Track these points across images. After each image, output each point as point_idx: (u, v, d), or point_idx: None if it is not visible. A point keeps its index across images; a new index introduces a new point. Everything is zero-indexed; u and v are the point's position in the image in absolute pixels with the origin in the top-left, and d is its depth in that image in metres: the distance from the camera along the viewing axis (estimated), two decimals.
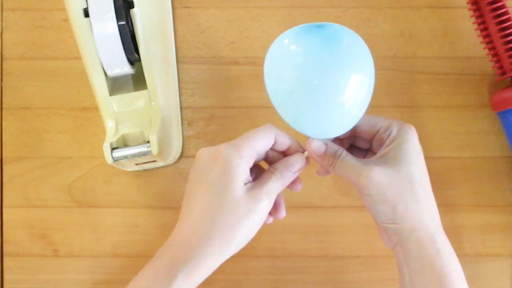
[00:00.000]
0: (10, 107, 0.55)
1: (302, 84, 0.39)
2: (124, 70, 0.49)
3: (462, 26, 0.55)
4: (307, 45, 0.39)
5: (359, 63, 0.39)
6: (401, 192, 0.39)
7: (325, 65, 0.38)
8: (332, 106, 0.39)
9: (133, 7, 0.48)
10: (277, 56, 0.40)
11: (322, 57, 0.38)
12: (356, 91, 0.39)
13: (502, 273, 0.54)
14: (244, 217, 0.38)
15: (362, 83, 0.39)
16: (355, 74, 0.39)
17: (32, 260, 0.54)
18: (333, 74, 0.38)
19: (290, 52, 0.39)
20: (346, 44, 0.39)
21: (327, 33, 0.39)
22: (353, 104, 0.39)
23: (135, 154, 0.48)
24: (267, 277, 0.54)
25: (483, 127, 0.55)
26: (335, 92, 0.38)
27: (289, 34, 0.40)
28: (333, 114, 0.39)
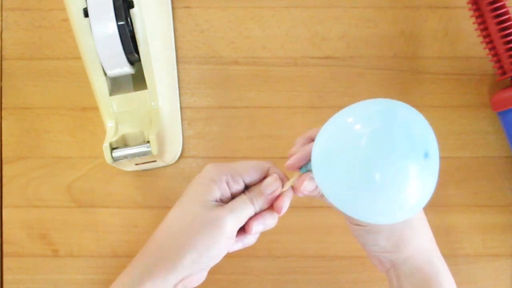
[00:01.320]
0: (10, 107, 0.55)
1: (365, 175, 0.33)
2: (124, 70, 0.49)
3: (462, 26, 0.55)
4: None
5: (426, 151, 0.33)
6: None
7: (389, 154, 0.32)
8: (391, 202, 0.33)
9: (133, 7, 0.48)
10: (338, 135, 0.35)
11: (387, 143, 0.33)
12: (422, 186, 0.33)
13: (502, 273, 0.54)
14: (201, 229, 0.37)
15: (430, 177, 0.33)
16: (415, 162, 0.33)
17: (32, 260, 0.54)
18: (399, 166, 0.32)
19: (354, 132, 0.34)
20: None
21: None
22: (418, 201, 0.34)
23: (135, 154, 0.48)
24: (267, 277, 0.54)
25: (483, 127, 0.55)
26: (398, 188, 0.33)
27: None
28: (392, 208, 0.34)
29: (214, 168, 0.39)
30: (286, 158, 0.54)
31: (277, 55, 0.55)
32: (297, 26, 0.55)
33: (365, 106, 0.35)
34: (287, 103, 0.55)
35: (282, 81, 0.55)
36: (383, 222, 0.37)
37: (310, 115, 0.55)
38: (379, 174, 0.32)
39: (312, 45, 0.55)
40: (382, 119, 0.34)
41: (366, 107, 0.35)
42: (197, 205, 0.38)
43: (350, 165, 0.33)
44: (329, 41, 0.55)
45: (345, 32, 0.55)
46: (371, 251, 0.40)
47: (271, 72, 0.55)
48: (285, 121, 0.55)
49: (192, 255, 0.37)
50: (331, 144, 0.35)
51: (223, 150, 0.55)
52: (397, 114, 0.34)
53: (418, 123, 0.35)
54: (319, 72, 0.55)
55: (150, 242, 0.39)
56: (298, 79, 0.55)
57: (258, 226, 0.39)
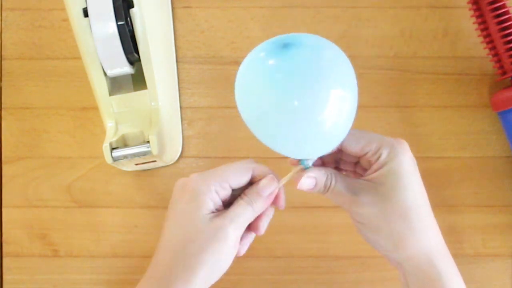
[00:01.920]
0: (10, 107, 0.55)
1: (281, 105, 0.34)
2: (124, 70, 0.49)
3: (462, 26, 0.55)
4: (288, 60, 0.35)
5: (340, 77, 0.35)
6: (395, 222, 0.37)
7: (306, 82, 0.34)
8: (313, 127, 0.35)
9: (132, 6, 0.48)
10: (252, 72, 0.37)
11: (304, 73, 0.34)
12: (338, 109, 0.34)
13: (502, 273, 0.54)
14: (208, 245, 0.37)
15: (344, 99, 0.35)
16: (336, 89, 0.34)
17: (32, 260, 0.54)
18: (313, 92, 0.34)
19: (268, 68, 0.35)
20: (327, 57, 0.35)
21: (306, 47, 0.35)
22: (335, 123, 0.35)
23: (135, 154, 0.48)
24: (267, 277, 0.54)
25: (484, 127, 0.55)
26: (315, 111, 0.34)
27: (266, 46, 0.36)
28: (314, 135, 0.35)
29: (200, 178, 0.39)
30: (286, 158, 0.54)
31: None
32: (297, 26, 0.55)
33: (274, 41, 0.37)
34: None
35: None
36: (307, 154, 0.38)
37: None
38: (297, 101, 0.34)
39: None
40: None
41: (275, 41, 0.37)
42: (196, 221, 0.38)
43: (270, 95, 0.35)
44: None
45: (345, 32, 0.55)
46: (376, 249, 0.40)
47: None
48: None
49: (204, 272, 0.37)
50: (250, 77, 0.37)
51: (223, 150, 0.55)
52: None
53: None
54: None
55: (156, 265, 0.39)
56: None
57: (265, 223, 0.40)
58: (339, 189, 0.38)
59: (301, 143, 0.36)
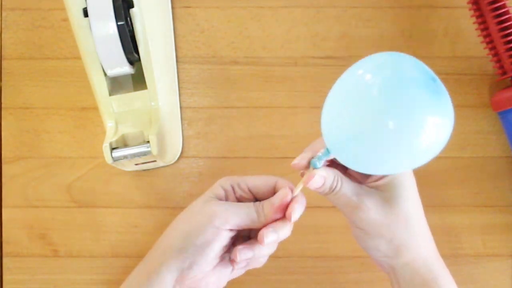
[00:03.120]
0: (10, 107, 0.55)
1: (374, 126, 0.32)
2: (124, 70, 0.49)
3: (462, 26, 0.55)
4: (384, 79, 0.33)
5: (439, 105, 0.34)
6: (397, 228, 0.38)
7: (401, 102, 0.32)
8: (405, 153, 0.33)
9: (132, 6, 0.48)
10: (348, 88, 0.34)
11: (399, 91, 0.32)
12: (434, 136, 0.33)
13: (502, 273, 0.54)
14: (191, 216, 0.39)
15: (442, 127, 0.33)
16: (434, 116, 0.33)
17: (32, 260, 0.54)
18: (407, 115, 0.32)
19: (365, 83, 0.33)
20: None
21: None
22: (428, 148, 0.34)
23: (135, 154, 0.48)
24: (267, 277, 0.54)
25: (484, 127, 0.55)
26: (410, 136, 0.32)
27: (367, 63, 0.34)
28: (407, 155, 0.34)
29: (225, 177, 0.41)
30: (286, 158, 0.54)
31: (277, 55, 0.55)
32: (297, 26, 0.55)
33: (370, 60, 0.35)
34: (287, 103, 0.55)
35: (282, 81, 0.55)
36: (397, 171, 0.37)
37: (310, 115, 0.55)
38: (393, 122, 0.32)
39: (312, 45, 0.55)
40: (392, 68, 0.33)
41: (371, 61, 0.35)
42: (198, 201, 0.40)
43: (362, 115, 0.33)
44: (329, 41, 0.55)
45: (345, 32, 0.55)
46: (371, 256, 0.40)
47: (271, 72, 0.55)
48: (285, 121, 0.55)
49: (179, 240, 0.37)
50: (341, 98, 0.34)
51: (223, 150, 0.55)
52: (404, 62, 0.34)
53: (424, 68, 0.35)
54: (319, 72, 0.55)
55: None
56: (298, 79, 0.55)
57: (269, 234, 0.38)
58: (344, 192, 0.38)
59: (387, 163, 0.35)
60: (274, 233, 0.38)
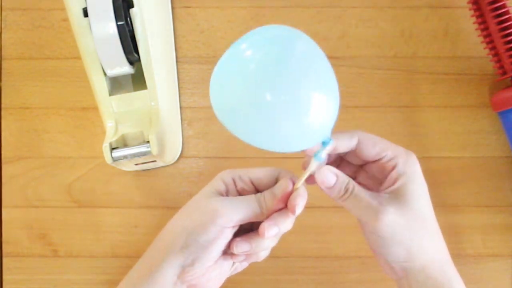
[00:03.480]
0: (10, 107, 0.55)
1: (255, 98, 0.33)
2: (124, 70, 0.49)
3: (462, 26, 0.55)
4: (263, 51, 0.33)
5: (315, 76, 0.34)
6: (416, 230, 0.37)
7: (281, 76, 0.32)
8: (290, 124, 0.33)
9: (132, 6, 0.48)
10: (229, 63, 0.35)
11: (279, 66, 0.32)
12: (318, 109, 0.33)
13: (502, 273, 0.54)
14: (193, 213, 0.39)
15: (324, 99, 0.33)
16: (315, 90, 0.33)
17: (32, 261, 0.54)
18: (289, 88, 0.32)
19: (244, 58, 0.34)
20: (301, 53, 0.34)
21: (284, 38, 0.34)
22: (314, 120, 0.33)
23: (135, 154, 0.48)
24: (267, 277, 0.54)
25: (484, 127, 0.55)
26: (291, 109, 0.33)
27: (247, 37, 0.35)
28: (292, 132, 0.34)
29: (226, 170, 0.41)
30: (286, 158, 0.54)
31: None
32: (297, 26, 0.55)
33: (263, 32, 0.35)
34: None
35: None
36: (283, 149, 0.36)
37: None
38: (270, 94, 0.32)
39: None
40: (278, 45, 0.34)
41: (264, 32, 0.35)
42: (199, 196, 0.39)
43: (244, 88, 0.33)
44: (329, 41, 0.55)
45: (345, 32, 0.55)
46: (385, 260, 0.39)
47: None
48: None
49: (182, 238, 0.37)
50: (224, 69, 0.36)
51: (223, 150, 0.55)
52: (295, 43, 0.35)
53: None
54: None
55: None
56: None
57: (270, 227, 0.37)
58: (362, 195, 0.37)
59: (279, 140, 0.35)
60: (275, 227, 0.38)
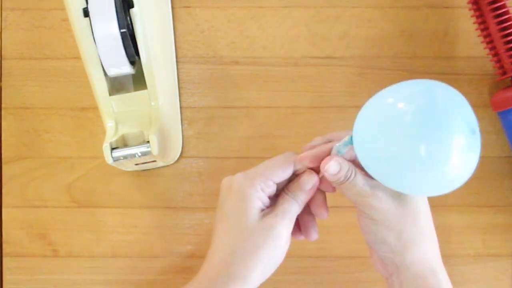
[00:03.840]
0: (10, 107, 0.55)
1: (409, 150, 0.34)
2: (125, 70, 0.49)
3: (462, 26, 0.55)
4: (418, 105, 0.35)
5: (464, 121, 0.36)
6: (407, 222, 0.38)
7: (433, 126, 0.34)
8: (438, 176, 0.35)
9: (132, 6, 0.48)
10: (380, 115, 0.36)
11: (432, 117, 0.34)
12: (465, 158, 0.35)
13: (502, 273, 0.54)
14: (263, 242, 0.39)
15: (472, 147, 0.35)
16: (462, 136, 0.35)
17: (32, 260, 0.54)
18: (442, 138, 0.34)
19: (398, 111, 0.35)
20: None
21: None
22: (459, 172, 0.36)
23: (135, 154, 0.48)
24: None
25: (484, 127, 0.55)
26: (441, 159, 0.34)
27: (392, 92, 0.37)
28: (435, 183, 0.36)
29: (245, 179, 0.40)
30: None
31: (277, 55, 0.55)
32: (297, 26, 0.55)
33: (405, 87, 0.37)
34: (287, 103, 0.55)
35: (282, 81, 0.55)
36: (423, 194, 0.39)
37: (310, 115, 0.55)
38: (425, 147, 0.34)
39: (312, 45, 0.55)
40: (424, 97, 0.36)
41: (406, 87, 0.37)
42: (248, 221, 0.39)
43: (395, 140, 0.35)
44: (329, 41, 0.55)
45: (345, 32, 0.55)
46: (378, 251, 0.40)
47: (271, 72, 0.55)
48: (285, 121, 0.55)
49: (260, 269, 0.39)
50: (373, 122, 0.37)
51: (223, 150, 0.55)
52: (438, 92, 0.37)
53: (460, 100, 0.37)
54: (319, 72, 0.55)
55: (211, 263, 0.40)
56: (298, 79, 0.55)
57: (321, 208, 0.43)
58: (357, 182, 0.39)
59: (420, 188, 0.37)
60: (322, 204, 0.43)
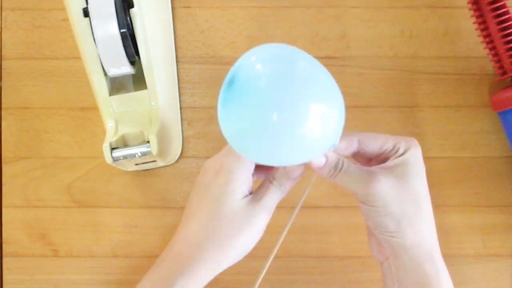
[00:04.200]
0: (10, 107, 0.55)
1: (262, 119, 0.33)
2: (125, 70, 0.49)
3: (462, 26, 0.55)
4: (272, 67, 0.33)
5: (318, 91, 0.34)
6: (408, 206, 0.38)
7: (286, 93, 0.32)
8: (293, 140, 0.33)
9: (132, 6, 0.48)
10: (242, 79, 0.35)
11: (284, 83, 0.33)
12: (319, 123, 0.33)
13: (502, 273, 0.54)
14: (241, 229, 0.39)
15: (327, 114, 0.34)
16: (317, 103, 0.33)
17: (32, 260, 0.54)
18: (293, 104, 0.32)
19: (256, 73, 0.34)
20: (303, 70, 0.34)
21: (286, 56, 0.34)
22: (317, 136, 0.34)
23: (135, 154, 0.48)
24: (267, 277, 0.54)
25: (484, 127, 0.55)
26: (294, 126, 0.33)
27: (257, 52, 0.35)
28: (295, 149, 0.34)
29: (235, 162, 0.40)
30: None
31: None
32: (297, 26, 0.55)
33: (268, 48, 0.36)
34: None
35: None
36: (286, 163, 0.38)
37: None
38: (277, 114, 0.32)
39: (312, 45, 0.55)
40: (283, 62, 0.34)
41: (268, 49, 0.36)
42: (231, 205, 0.39)
43: (249, 108, 0.34)
44: (329, 41, 0.55)
45: (345, 32, 0.55)
46: (378, 234, 0.40)
47: None
48: None
49: (233, 254, 0.39)
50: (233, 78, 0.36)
51: None
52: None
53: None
54: None
55: (183, 239, 0.40)
56: None
57: None
58: (352, 170, 0.39)
59: (279, 154, 0.35)
60: None
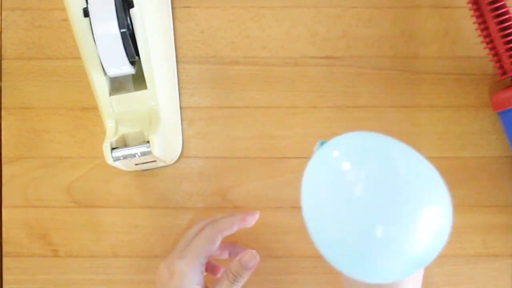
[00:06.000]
0: (10, 107, 0.55)
1: (361, 230, 0.27)
2: (125, 70, 0.49)
3: (462, 26, 0.55)
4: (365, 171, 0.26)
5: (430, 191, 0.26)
6: None
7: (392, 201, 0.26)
8: (398, 256, 0.28)
9: (132, 6, 0.48)
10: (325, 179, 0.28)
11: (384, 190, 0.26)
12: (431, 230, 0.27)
13: (503, 273, 0.54)
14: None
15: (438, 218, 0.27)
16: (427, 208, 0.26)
17: (32, 261, 0.54)
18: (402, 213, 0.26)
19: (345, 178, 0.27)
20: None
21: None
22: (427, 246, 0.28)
23: (135, 154, 0.48)
24: (267, 277, 0.54)
25: (484, 127, 0.55)
26: (402, 239, 0.27)
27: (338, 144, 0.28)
28: (400, 264, 0.29)
29: (185, 264, 0.43)
30: (286, 158, 0.55)
31: (277, 55, 0.55)
32: (297, 26, 0.55)
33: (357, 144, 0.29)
34: (287, 103, 0.55)
35: (282, 81, 0.55)
36: (391, 280, 0.32)
37: (310, 115, 0.55)
38: (382, 229, 0.26)
39: (312, 45, 0.55)
40: (380, 162, 0.27)
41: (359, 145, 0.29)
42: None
43: (345, 219, 0.27)
44: (329, 41, 0.55)
45: (345, 32, 0.55)
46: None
47: (271, 72, 0.55)
48: (285, 121, 0.55)
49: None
50: (321, 191, 0.29)
51: (223, 150, 0.55)
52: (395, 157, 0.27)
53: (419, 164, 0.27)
54: (319, 72, 0.55)
55: None
56: (298, 79, 0.55)
57: None
58: None
59: (381, 272, 0.30)
60: None
